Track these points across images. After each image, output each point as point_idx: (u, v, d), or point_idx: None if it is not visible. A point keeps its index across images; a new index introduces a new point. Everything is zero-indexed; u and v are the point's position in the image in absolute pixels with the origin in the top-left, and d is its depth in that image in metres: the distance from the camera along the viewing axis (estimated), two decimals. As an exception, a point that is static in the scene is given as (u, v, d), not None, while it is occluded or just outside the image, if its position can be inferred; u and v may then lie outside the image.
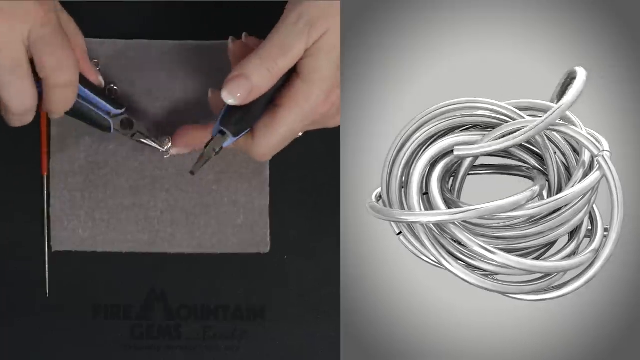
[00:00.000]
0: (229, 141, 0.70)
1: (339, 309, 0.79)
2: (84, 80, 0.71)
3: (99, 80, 0.74)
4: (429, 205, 0.74)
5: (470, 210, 0.69)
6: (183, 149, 0.76)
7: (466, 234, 0.71)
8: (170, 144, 0.77)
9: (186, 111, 0.79)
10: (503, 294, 0.72)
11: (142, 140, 0.76)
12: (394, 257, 0.80)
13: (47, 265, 0.79)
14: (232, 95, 0.68)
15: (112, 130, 0.74)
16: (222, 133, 0.70)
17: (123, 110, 0.75)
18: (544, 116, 0.70)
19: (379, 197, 0.78)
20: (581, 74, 0.72)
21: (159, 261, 0.79)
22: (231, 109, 0.69)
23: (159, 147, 0.76)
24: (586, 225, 0.74)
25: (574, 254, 0.73)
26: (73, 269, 0.79)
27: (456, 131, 0.75)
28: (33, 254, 0.79)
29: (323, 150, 0.80)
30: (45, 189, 0.79)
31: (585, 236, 0.74)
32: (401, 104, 0.85)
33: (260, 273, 0.80)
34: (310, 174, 0.80)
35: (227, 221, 0.79)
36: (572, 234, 0.73)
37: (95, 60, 0.78)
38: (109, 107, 0.74)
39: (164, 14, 0.80)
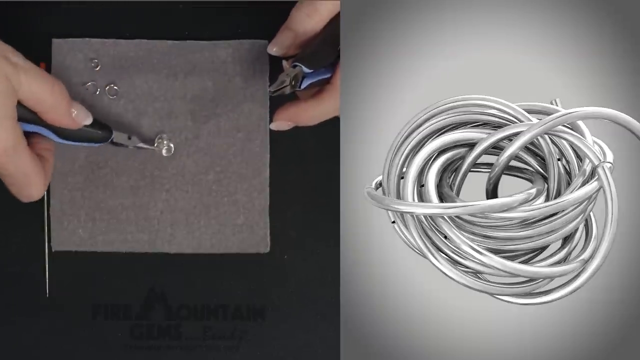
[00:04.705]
0: (308, 78, 0.71)
1: (339, 308, 0.79)
2: (64, 132, 0.72)
3: (83, 118, 0.72)
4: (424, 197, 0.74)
5: (459, 206, 0.69)
6: (284, 123, 0.74)
7: (454, 229, 0.70)
8: (167, 143, 0.78)
9: (186, 111, 0.79)
10: (485, 292, 0.72)
11: (140, 145, 0.78)
12: (395, 257, 0.80)
13: (47, 265, 0.79)
14: (278, 46, 0.72)
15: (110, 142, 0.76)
16: (295, 67, 0.71)
17: (110, 137, 0.75)
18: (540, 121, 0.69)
19: (379, 185, 0.78)
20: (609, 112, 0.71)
21: (159, 261, 0.79)
22: (301, 51, 0.72)
23: (156, 149, 0.78)
24: (581, 233, 0.73)
25: (564, 261, 0.72)
26: (73, 269, 0.79)
27: (463, 127, 0.75)
28: (33, 254, 0.79)
29: (323, 150, 0.79)
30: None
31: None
32: (401, 105, 0.85)
33: (260, 273, 0.80)
34: (310, 174, 0.80)
35: (227, 221, 0.79)
36: (566, 240, 0.73)
37: (96, 60, 0.79)
38: (93, 144, 0.75)
39: (164, 14, 0.80)
